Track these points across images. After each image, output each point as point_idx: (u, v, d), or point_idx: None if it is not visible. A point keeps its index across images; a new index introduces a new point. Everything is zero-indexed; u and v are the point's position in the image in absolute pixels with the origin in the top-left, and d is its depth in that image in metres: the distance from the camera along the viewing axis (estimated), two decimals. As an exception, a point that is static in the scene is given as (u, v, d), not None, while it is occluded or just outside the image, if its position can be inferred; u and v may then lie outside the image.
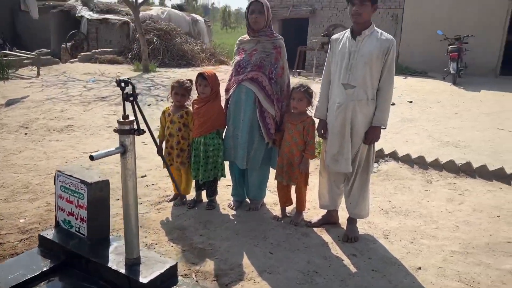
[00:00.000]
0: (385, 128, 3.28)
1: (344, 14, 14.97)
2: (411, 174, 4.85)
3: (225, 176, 3.83)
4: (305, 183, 3.64)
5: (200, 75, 3.55)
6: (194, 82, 3.67)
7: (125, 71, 13.99)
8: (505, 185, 4.57)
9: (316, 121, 3.52)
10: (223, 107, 3.75)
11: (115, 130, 2.39)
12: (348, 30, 3.26)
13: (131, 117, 2.37)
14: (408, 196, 4.29)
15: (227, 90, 3.70)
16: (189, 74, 14.36)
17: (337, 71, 3.23)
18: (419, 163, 5.07)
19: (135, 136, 2.40)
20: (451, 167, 4.92)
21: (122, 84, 2.32)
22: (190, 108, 3.76)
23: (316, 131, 3.50)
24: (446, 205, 4.10)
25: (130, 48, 16.75)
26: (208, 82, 3.53)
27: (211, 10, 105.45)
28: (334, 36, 3.40)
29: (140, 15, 17.39)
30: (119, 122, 2.34)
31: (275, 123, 3.62)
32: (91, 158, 2.16)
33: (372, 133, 3.22)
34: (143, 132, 2.37)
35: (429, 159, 5.09)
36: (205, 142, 3.61)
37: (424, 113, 8.23)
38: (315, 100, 3.53)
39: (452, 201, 4.19)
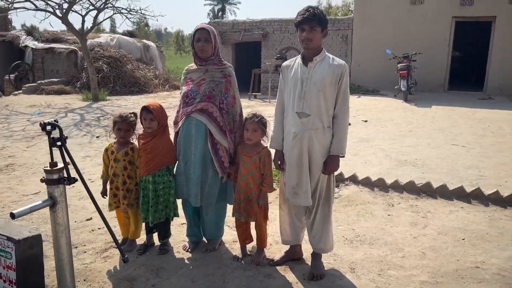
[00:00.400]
0: (343, 157, 3.13)
1: (296, 37, 15.08)
2: (373, 198, 4.73)
3: (178, 216, 3.53)
4: (265, 218, 3.40)
5: (145, 109, 3.28)
6: (138, 115, 3.39)
7: (73, 101, 13.44)
8: (466, 204, 4.52)
9: (272, 151, 3.32)
10: (172, 140, 3.48)
11: (42, 180, 2.07)
12: (299, 57, 3.12)
13: (60, 164, 2.05)
14: (372, 223, 4.14)
15: (175, 123, 3.44)
16: (142, 101, 13.99)
17: (291, 100, 3.07)
18: (380, 185, 4.97)
19: (68, 185, 2.09)
20: (412, 188, 4.84)
21: (48, 127, 2.01)
22: (136, 143, 3.47)
23: (272, 162, 3.30)
24: (410, 230, 3.97)
25: (78, 77, 16.22)
26: (154, 115, 3.26)
27: (164, 35, 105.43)
28: (284, 63, 3.24)
29: (88, 43, 16.91)
30: (45, 170, 2.03)
31: (229, 156, 3.39)
32: (12, 216, 1.85)
33: (331, 163, 3.05)
34: (74, 181, 2.06)
35: (388, 180, 5.00)
36: (154, 180, 3.31)
37: (380, 132, 8.26)
38: (270, 130, 3.34)
39: (416, 225, 4.07)
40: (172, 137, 3.52)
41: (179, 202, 3.53)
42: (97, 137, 8.25)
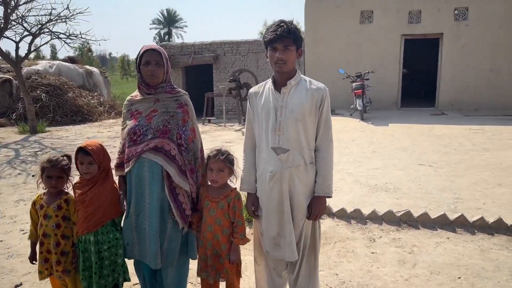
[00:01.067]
0: (330, 197, 2.62)
1: (248, 59, 14.78)
2: (351, 233, 4.26)
3: (129, 280, 2.86)
4: (238, 275, 2.81)
5: (81, 150, 2.64)
6: (74, 157, 2.73)
7: (8, 134, 12.28)
8: (451, 234, 4.14)
9: (243, 194, 2.77)
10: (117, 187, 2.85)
11: None
12: (269, 81, 2.60)
13: None
14: (356, 264, 3.64)
15: (119, 166, 2.81)
16: (85, 130, 13.05)
17: (263, 133, 2.53)
18: (357, 217, 4.52)
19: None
20: (391, 219, 4.42)
21: None
22: (72, 193, 2.80)
23: (245, 208, 2.74)
24: (399, 270, 3.51)
25: (14, 108, 15.02)
26: (93, 158, 2.62)
27: (109, 60, 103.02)
28: (252, 90, 2.70)
29: (24, 71, 15.76)
30: None
31: (190, 201, 2.79)
32: None
33: (317, 206, 2.53)
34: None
35: (365, 211, 4.57)
36: (96, 239, 2.65)
37: (343, 154, 7.91)
38: (238, 167, 2.79)
39: (404, 263, 3.62)
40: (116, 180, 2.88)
41: (130, 262, 2.87)
42: (33, 175, 7.34)
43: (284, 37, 2.36)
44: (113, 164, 2.81)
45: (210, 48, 15.01)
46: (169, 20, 73.39)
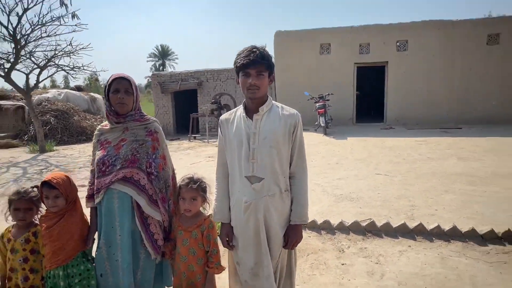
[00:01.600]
0: (306, 224, 2.13)
1: (228, 84, 14.30)
2: (322, 244, 3.77)
3: (102, 314, 2.31)
4: (214, 305, 2.29)
5: (46, 184, 2.09)
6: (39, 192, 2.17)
7: (20, 154, 11.42)
8: (412, 242, 3.70)
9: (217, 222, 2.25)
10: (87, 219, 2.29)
11: None
12: (240, 108, 2.10)
13: None
14: (328, 277, 3.15)
15: (90, 197, 2.26)
16: (88, 148, 12.25)
17: (236, 161, 2.03)
18: (326, 228, 4.04)
19: None
20: (357, 228, 3.96)
21: None
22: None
23: (219, 238, 2.22)
24: (369, 281, 3.03)
25: (26, 131, 14.07)
26: (59, 191, 2.07)
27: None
28: (223, 117, 2.19)
29: (36, 98, 14.97)
30: None
31: (162, 231, 2.26)
32: None
33: (294, 234, 2.05)
34: None
35: (334, 221, 4.09)
36: (66, 273, 2.10)
37: (311, 166, 7.45)
38: (211, 193, 2.28)
39: (373, 274, 3.14)
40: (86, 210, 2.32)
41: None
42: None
43: (257, 62, 1.89)
44: (83, 194, 2.26)
45: (194, 75, 14.47)
46: (163, 54, 72.35)
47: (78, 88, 19.46)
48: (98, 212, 2.19)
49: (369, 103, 17.31)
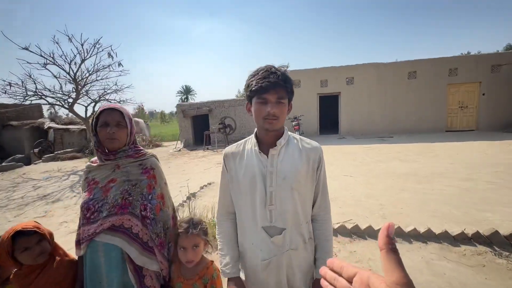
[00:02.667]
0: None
1: (230, 110, 13.36)
2: (315, 247, 2.85)
3: None
4: None
5: (20, 235, 1.14)
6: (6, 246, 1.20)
7: (81, 164, 10.27)
8: (393, 243, 2.81)
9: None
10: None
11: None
12: (250, 140, 1.15)
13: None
14: (327, 287, 2.23)
15: (78, 243, 1.27)
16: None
17: (249, 207, 1.08)
18: (316, 230, 3.12)
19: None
20: (344, 231, 3.05)
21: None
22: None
23: (226, 291, 1.28)
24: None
25: (87, 146, 12.90)
26: (40, 234, 1.13)
27: (155, 113, 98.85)
28: (228, 150, 1.20)
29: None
30: None
31: (161, 280, 1.30)
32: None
33: None
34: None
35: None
36: None
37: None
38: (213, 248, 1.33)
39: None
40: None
41: None
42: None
43: (278, 86, 0.99)
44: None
45: (206, 104, 13.50)
46: (186, 90, 71.05)
47: (126, 115, 18.32)
48: (84, 266, 1.24)
49: (328, 120, 16.53)
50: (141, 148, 1.38)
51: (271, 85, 0.97)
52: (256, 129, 1.12)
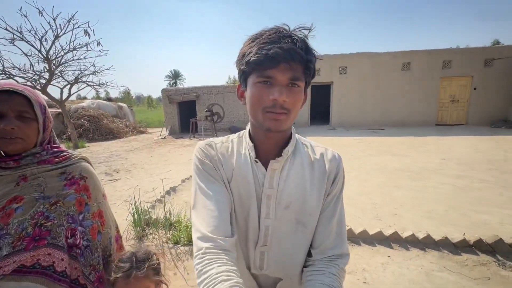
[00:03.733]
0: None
1: (218, 96, 12.83)
2: (304, 254, 2.58)
3: None
4: None
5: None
6: None
7: (56, 150, 9.57)
8: (390, 251, 2.56)
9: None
10: None
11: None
12: (243, 139, 0.68)
13: None
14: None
15: None
16: (112, 145, 10.55)
17: (239, 242, 0.64)
18: (306, 233, 2.85)
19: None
20: (335, 235, 2.79)
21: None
22: None
23: None
24: (361, 311, 1.87)
25: (64, 131, 12.15)
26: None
27: (141, 97, 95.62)
28: (211, 143, 0.69)
29: (73, 107, 13.03)
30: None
31: None
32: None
33: None
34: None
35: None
36: None
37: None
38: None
39: (368, 284, 1.99)
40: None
41: None
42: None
43: (295, 57, 0.52)
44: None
45: (194, 90, 12.89)
46: (175, 75, 68.91)
47: (108, 99, 17.43)
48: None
49: (319, 111, 16.28)
50: (64, 148, 0.97)
51: (284, 55, 0.53)
52: (249, 126, 0.71)
